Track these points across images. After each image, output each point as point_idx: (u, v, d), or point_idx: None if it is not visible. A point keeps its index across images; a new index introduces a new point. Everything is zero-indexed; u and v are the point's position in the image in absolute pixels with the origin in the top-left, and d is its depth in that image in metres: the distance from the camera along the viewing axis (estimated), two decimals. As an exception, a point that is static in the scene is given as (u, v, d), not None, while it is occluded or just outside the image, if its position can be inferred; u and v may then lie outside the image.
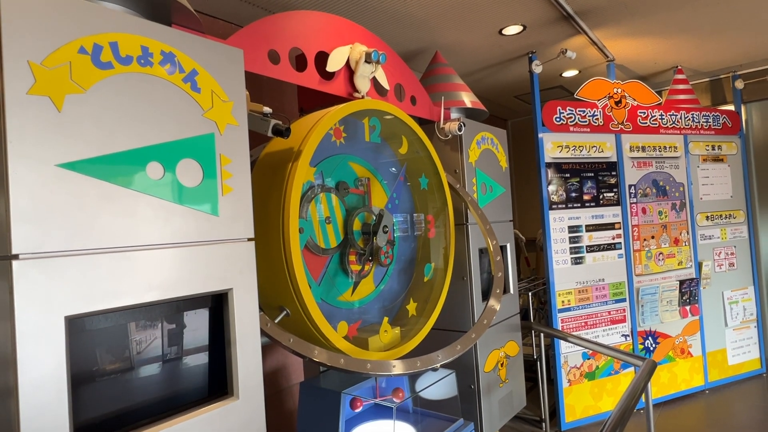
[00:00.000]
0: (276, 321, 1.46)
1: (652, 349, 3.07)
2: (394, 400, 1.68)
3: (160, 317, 1.07)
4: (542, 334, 2.84)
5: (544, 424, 2.86)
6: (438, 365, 1.60)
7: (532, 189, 4.52)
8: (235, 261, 1.15)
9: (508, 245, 2.54)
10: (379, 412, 1.75)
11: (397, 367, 1.52)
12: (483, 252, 2.36)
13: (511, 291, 2.55)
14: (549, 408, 2.98)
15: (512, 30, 2.83)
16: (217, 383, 1.15)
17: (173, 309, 1.09)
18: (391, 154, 2.00)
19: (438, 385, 1.81)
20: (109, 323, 0.99)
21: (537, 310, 3.53)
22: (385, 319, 1.85)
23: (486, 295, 2.30)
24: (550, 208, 2.95)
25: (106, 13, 0.98)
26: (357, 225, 1.76)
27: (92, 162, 0.94)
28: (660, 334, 3.10)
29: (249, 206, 1.19)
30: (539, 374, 2.89)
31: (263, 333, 1.36)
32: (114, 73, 0.98)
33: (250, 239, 1.18)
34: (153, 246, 1.02)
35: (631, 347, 3.01)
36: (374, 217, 1.81)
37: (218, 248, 1.12)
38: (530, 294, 3.06)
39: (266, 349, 2.24)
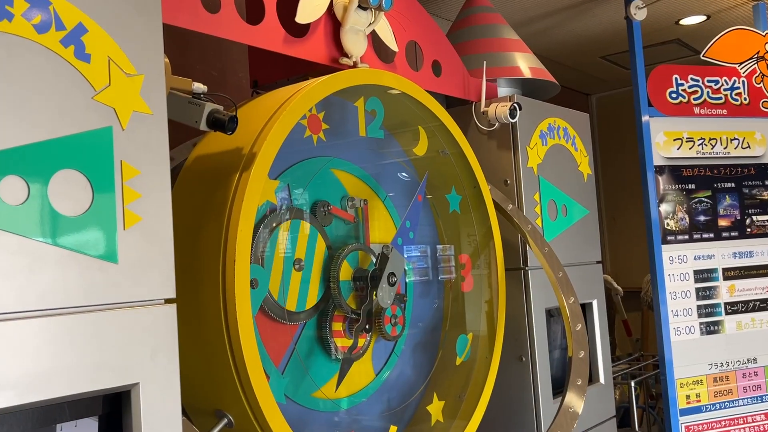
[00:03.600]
0: (211, 436, 1.47)
1: (840, 477, 3.04)
2: None
3: (17, 434, 1.06)
4: (654, 452, 2.82)
5: None
6: None
7: (632, 210, 4.46)
8: (144, 337, 1.16)
9: (596, 303, 2.55)
10: None
11: None
12: (553, 314, 2.36)
13: (602, 379, 2.53)
14: None
15: (596, -47, 2.87)
16: None
17: (40, 419, 1.07)
18: (402, 157, 2.02)
19: None
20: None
21: (645, 410, 3.46)
22: (393, 429, 1.86)
23: (560, 388, 2.28)
24: (664, 242, 2.94)
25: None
26: (346, 272, 1.78)
27: None
28: None
29: (168, 246, 1.21)
30: None
31: (190, 455, 1.39)
32: (-50, 34, 1.00)
33: (169, 300, 1.20)
34: (7, 315, 1.01)
35: (805, 474, 2.97)
36: (374, 260, 1.82)
37: (116, 317, 1.13)
38: (633, 383, 3.03)
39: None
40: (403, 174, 2.04)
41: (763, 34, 3.22)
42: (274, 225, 1.64)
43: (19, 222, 1.03)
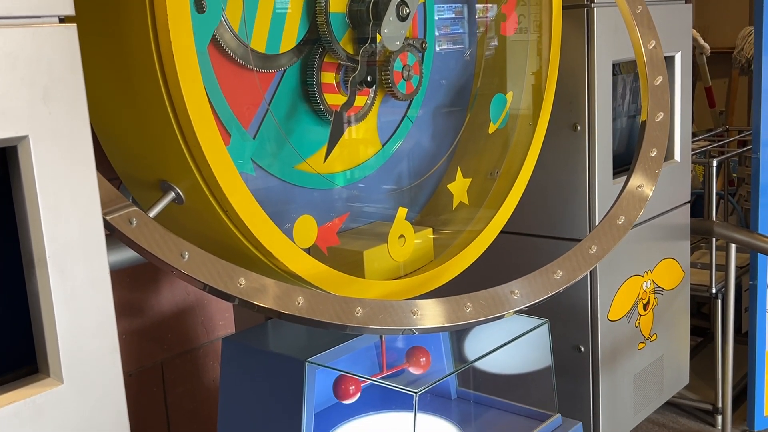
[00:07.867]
0: (152, 213, 1.43)
1: None
2: (411, 371, 1.79)
3: None
4: (733, 246, 2.83)
5: (720, 417, 2.98)
6: (510, 311, 1.62)
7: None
8: (28, 73, 1.07)
9: (679, 57, 2.49)
10: (390, 398, 1.89)
11: (425, 317, 1.55)
12: (620, 71, 2.34)
13: (677, 156, 2.54)
14: (733, 391, 3.00)
15: None
16: (15, 348, 1.13)
17: None
18: None
19: (514, 349, 1.86)
20: None
21: (722, 198, 3.56)
22: (402, 211, 1.85)
23: (623, 166, 2.28)
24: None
25: None
26: (339, 1, 1.70)
27: None
28: None
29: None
30: (718, 324, 2.95)
31: (121, 238, 1.34)
32: None
33: (65, 19, 1.10)
34: None
35: None
36: (377, -14, 1.71)
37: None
38: (714, 164, 3.04)
39: (149, 272, 2.24)
40: None
41: None
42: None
43: None
